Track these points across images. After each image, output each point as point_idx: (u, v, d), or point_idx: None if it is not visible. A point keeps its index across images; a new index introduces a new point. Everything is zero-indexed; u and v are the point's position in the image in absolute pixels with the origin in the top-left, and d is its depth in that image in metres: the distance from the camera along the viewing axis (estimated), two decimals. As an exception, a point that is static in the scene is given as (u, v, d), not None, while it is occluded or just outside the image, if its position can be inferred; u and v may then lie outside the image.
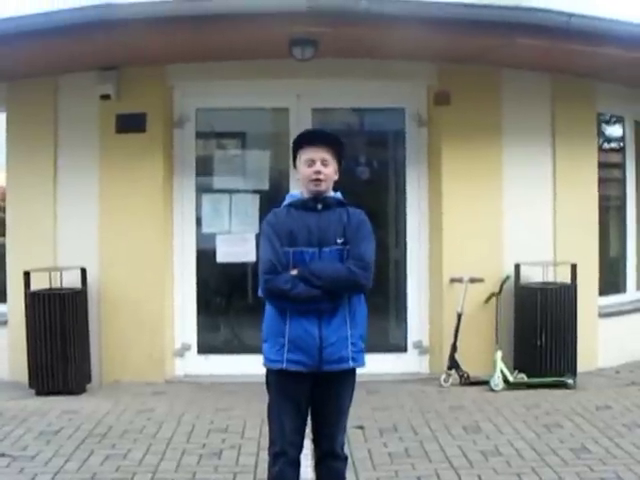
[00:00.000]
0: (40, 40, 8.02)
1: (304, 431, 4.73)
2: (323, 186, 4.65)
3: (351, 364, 4.67)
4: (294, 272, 4.52)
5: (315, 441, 4.80)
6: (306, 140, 4.71)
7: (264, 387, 4.79)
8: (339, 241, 4.60)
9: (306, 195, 4.72)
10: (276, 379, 4.66)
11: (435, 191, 9.51)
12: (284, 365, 4.56)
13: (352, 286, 4.60)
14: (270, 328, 4.67)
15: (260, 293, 4.67)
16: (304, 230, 4.59)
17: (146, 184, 9.29)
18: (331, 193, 4.75)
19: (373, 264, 4.64)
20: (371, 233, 4.73)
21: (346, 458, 4.85)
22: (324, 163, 4.63)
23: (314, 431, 4.79)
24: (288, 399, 4.63)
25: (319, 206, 4.67)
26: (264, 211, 8.70)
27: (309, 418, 4.77)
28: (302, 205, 4.68)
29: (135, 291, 9.27)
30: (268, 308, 4.72)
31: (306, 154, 4.65)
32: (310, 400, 4.71)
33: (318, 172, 4.60)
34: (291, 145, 4.79)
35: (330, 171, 4.67)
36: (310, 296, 4.48)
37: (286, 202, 4.78)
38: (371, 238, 4.71)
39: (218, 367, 9.44)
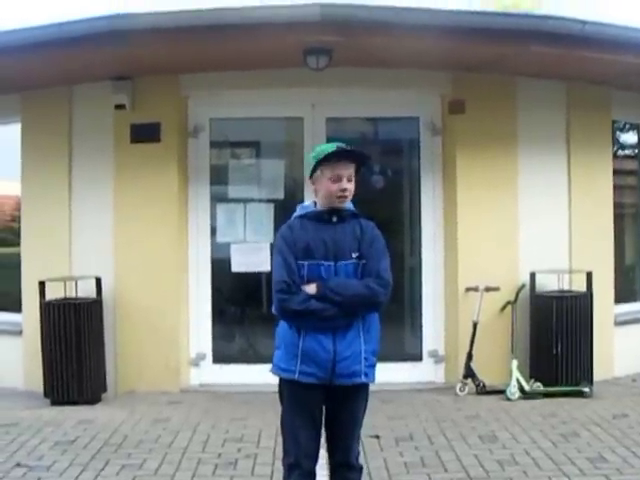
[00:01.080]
0: (53, 51, 8.06)
1: (319, 441, 4.71)
2: (346, 202, 4.68)
3: (363, 379, 4.67)
4: (313, 288, 4.51)
5: (329, 451, 4.79)
6: (335, 156, 4.66)
7: (279, 396, 4.79)
8: (354, 255, 4.60)
9: (320, 207, 4.71)
10: (289, 388, 4.66)
11: (450, 200, 9.49)
12: (296, 376, 4.55)
13: (371, 304, 4.60)
14: (284, 337, 4.67)
15: (274, 311, 4.65)
16: (320, 243, 4.57)
17: (161, 194, 9.31)
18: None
19: (391, 280, 4.65)
20: (386, 248, 4.75)
21: (361, 468, 4.84)
22: (349, 179, 4.64)
23: (328, 442, 4.78)
24: (301, 409, 4.63)
25: (334, 219, 4.67)
26: (279, 220, 8.76)
27: (323, 428, 4.76)
28: (317, 217, 4.67)
29: (150, 300, 9.28)
30: None
31: (334, 170, 4.60)
32: (323, 411, 4.71)
33: (345, 189, 4.60)
34: (310, 154, 4.75)
35: (353, 186, 4.68)
36: (325, 315, 4.49)
37: (298, 213, 4.77)
38: (387, 253, 4.73)
39: (233, 376, 9.43)
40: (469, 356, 9.03)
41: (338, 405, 4.67)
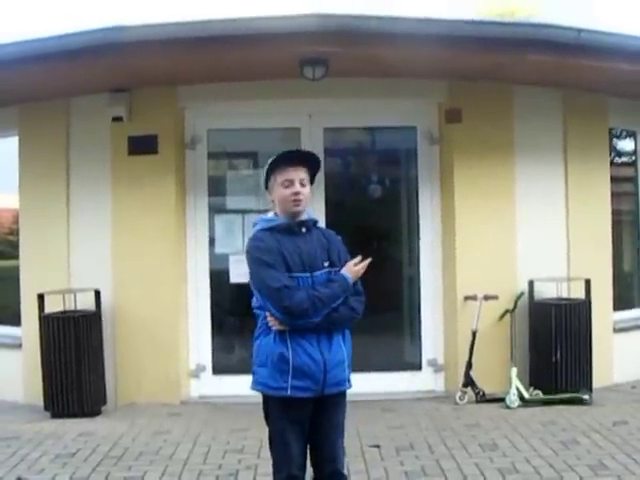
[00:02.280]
0: (51, 63, 8.07)
1: (306, 452, 4.73)
2: (302, 206, 4.66)
3: (347, 386, 4.74)
4: None
5: (316, 464, 4.80)
6: (284, 161, 4.66)
7: (264, 415, 4.81)
8: (325, 264, 4.64)
9: (282, 217, 4.70)
10: (279, 406, 4.65)
11: (448, 209, 9.49)
12: (289, 392, 4.54)
13: (353, 320, 4.71)
14: (269, 354, 4.60)
15: (280, 316, 4.53)
16: (296, 256, 4.57)
17: (159, 205, 9.31)
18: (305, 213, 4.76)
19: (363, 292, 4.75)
20: (345, 249, 4.83)
21: (346, 478, 4.88)
22: (302, 183, 4.63)
23: (314, 455, 4.78)
24: (292, 423, 4.63)
25: (303, 229, 4.68)
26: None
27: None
28: (288, 229, 4.65)
29: (149, 312, 9.27)
30: (263, 333, 4.68)
31: (284, 175, 4.63)
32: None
33: (298, 193, 4.60)
34: (267, 165, 4.74)
35: (308, 190, 4.69)
36: (332, 304, 4.52)
37: (265, 226, 4.72)
38: (349, 256, 4.80)
39: (233, 388, 9.38)
40: (468, 365, 9.03)
41: (323, 415, 4.69)
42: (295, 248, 4.58)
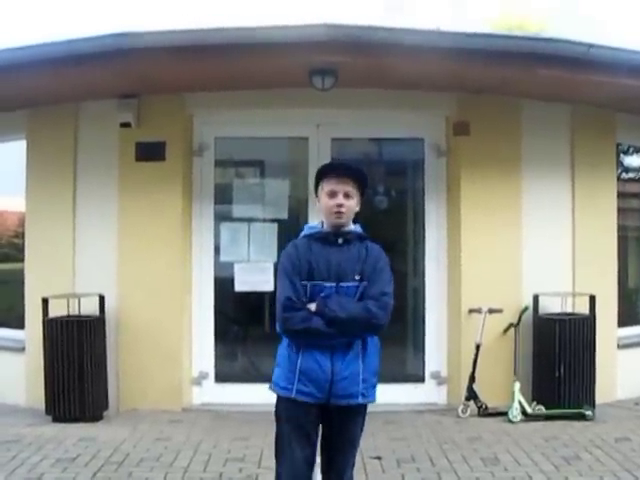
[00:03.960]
0: (60, 68, 8.08)
1: (313, 463, 4.73)
2: (344, 218, 4.67)
3: (360, 400, 4.69)
4: (312, 306, 4.53)
5: (325, 475, 4.81)
6: (331, 171, 4.69)
7: (275, 416, 4.81)
8: (356, 277, 4.62)
9: (326, 226, 4.72)
10: (285, 407, 4.68)
11: (454, 221, 9.48)
12: (293, 394, 4.59)
13: (369, 326, 4.62)
14: (283, 356, 4.71)
15: (277, 329, 4.66)
16: (323, 264, 4.59)
17: (165, 212, 9.31)
18: (351, 226, 4.75)
19: (392, 304, 4.66)
20: (388, 268, 4.76)
21: None
22: (347, 195, 4.64)
23: (325, 465, 4.80)
24: (297, 428, 4.65)
25: (340, 240, 4.67)
26: (282, 240, 8.77)
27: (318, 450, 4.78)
28: (323, 238, 4.69)
29: (153, 318, 9.27)
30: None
31: (329, 185, 4.65)
32: (319, 432, 4.73)
33: (340, 205, 4.61)
34: (314, 174, 4.79)
35: (352, 203, 4.68)
36: (325, 333, 4.49)
37: (305, 233, 4.78)
38: (390, 277, 4.74)
39: (235, 396, 9.40)
40: (471, 378, 9.01)
41: (334, 427, 4.70)
42: (325, 258, 4.62)
